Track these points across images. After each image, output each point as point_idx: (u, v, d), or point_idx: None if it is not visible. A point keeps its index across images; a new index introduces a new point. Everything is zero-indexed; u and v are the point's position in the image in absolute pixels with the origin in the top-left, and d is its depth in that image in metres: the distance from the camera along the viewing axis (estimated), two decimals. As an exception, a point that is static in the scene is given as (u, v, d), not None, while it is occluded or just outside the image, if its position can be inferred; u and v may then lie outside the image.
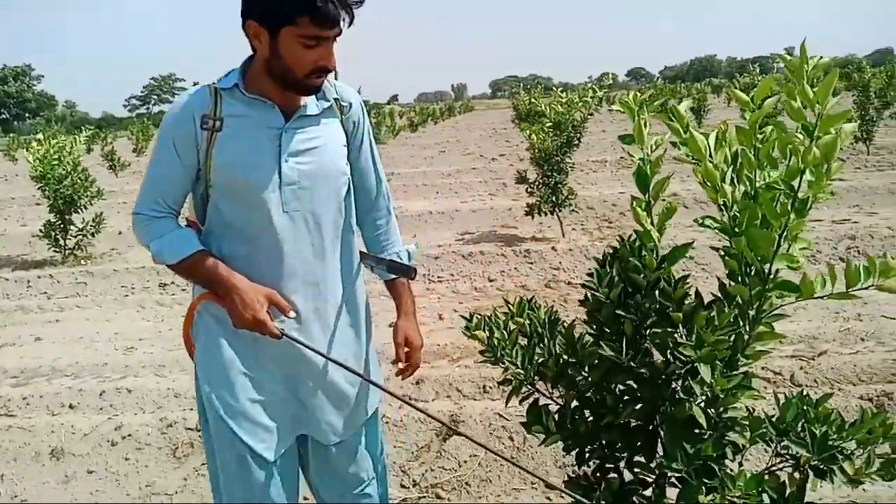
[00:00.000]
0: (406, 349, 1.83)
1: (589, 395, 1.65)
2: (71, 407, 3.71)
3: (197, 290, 1.68)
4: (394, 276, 1.84)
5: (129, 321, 5.27)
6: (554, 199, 6.83)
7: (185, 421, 3.32)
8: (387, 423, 3.14)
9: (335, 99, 1.67)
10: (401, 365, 1.84)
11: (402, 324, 1.83)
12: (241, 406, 1.62)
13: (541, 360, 1.75)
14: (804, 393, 1.53)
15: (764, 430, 1.50)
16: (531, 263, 5.96)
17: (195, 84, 1.68)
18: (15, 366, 4.38)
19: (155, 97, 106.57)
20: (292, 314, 1.61)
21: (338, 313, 1.73)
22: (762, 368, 3.47)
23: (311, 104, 1.62)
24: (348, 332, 1.75)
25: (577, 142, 7.18)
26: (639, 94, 1.54)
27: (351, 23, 1.52)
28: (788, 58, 1.37)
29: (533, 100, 10.93)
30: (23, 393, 3.88)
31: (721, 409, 1.52)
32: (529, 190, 7.07)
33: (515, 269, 5.81)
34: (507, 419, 3.09)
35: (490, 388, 3.52)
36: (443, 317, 4.78)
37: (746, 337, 1.53)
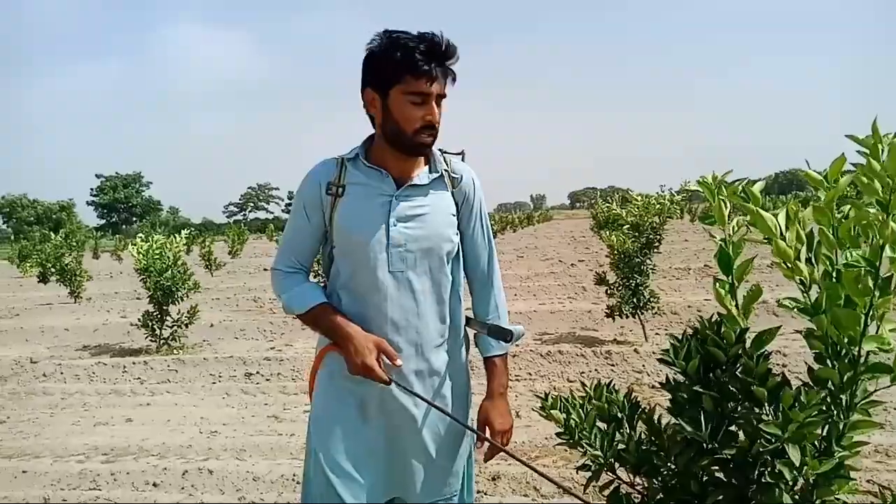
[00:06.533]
0: (488, 432, 1.86)
1: (673, 483, 1.59)
2: (154, 485, 3.81)
3: (320, 344, 1.83)
4: (491, 356, 1.89)
5: (215, 407, 5.43)
6: (635, 300, 6.74)
7: (262, 500, 3.34)
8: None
9: (445, 170, 1.81)
10: (479, 445, 1.88)
11: (486, 404, 1.88)
12: (342, 459, 1.72)
13: (621, 445, 1.71)
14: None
15: (866, 529, 1.41)
16: (612, 366, 5.80)
17: (289, 192, 1.90)
18: (106, 444, 4.57)
19: (251, 205, 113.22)
20: (399, 362, 1.71)
21: (441, 377, 1.81)
22: (867, 482, 3.20)
23: (422, 175, 1.78)
24: (446, 397, 1.82)
25: (657, 244, 7.13)
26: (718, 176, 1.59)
27: (454, 82, 1.70)
28: (860, 137, 1.39)
29: (611, 206, 11.00)
30: (111, 469, 4.03)
31: (817, 501, 1.43)
32: (609, 292, 7.00)
33: (596, 370, 5.65)
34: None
35: (569, 489, 3.39)
36: (520, 415, 4.69)
37: (841, 425, 1.46)
